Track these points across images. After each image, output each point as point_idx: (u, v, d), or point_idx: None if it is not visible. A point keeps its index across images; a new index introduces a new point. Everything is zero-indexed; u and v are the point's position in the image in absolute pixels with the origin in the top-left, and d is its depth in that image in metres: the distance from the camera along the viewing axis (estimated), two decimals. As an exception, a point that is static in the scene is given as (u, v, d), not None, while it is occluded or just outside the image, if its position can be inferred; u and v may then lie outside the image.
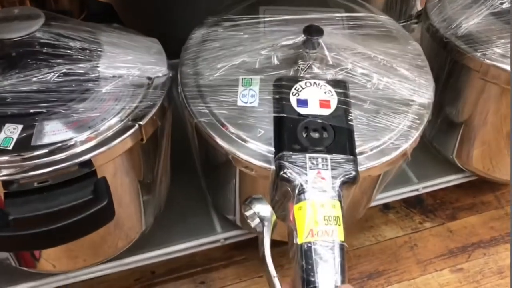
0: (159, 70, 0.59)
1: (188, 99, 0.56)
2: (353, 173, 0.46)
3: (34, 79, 0.53)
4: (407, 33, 0.66)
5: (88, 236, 0.54)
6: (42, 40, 0.54)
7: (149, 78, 0.58)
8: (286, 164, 0.47)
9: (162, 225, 0.69)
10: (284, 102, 0.52)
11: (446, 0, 0.71)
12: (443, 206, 0.85)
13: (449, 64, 0.68)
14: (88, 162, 0.51)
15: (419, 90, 0.57)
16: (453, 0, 0.70)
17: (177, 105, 0.60)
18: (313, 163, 0.46)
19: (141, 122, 0.53)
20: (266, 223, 0.42)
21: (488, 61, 0.62)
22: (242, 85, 0.56)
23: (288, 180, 0.46)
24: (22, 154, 0.48)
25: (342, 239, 0.41)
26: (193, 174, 0.74)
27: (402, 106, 0.55)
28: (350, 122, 0.51)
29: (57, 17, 0.59)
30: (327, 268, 0.40)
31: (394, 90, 0.56)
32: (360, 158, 0.50)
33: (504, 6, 0.66)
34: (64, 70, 0.54)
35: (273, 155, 0.49)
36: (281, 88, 0.54)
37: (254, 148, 0.51)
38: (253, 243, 0.40)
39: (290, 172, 0.46)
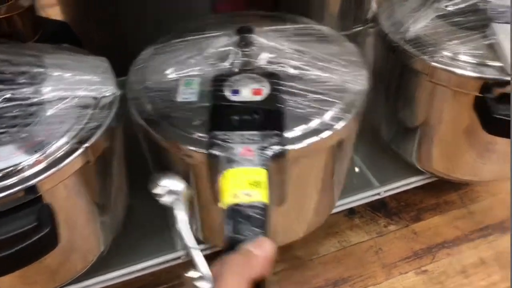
0: (105, 89, 0.58)
1: (132, 100, 0.58)
2: (279, 146, 0.49)
3: (-25, 105, 0.52)
4: (344, 37, 0.67)
5: (43, 260, 0.53)
6: (-20, 66, 0.53)
7: (95, 98, 0.57)
8: (215, 141, 0.50)
9: (122, 244, 0.68)
10: (219, 93, 0.55)
11: (396, 5, 0.72)
12: (407, 208, 0.85)
13: (399, 68, 0.69)
14: (32, 188, 0.50)
15: (351, 80, 0.58)
16: (402, 4, 0.71)
17: (132, 122, 0.60)
18: (241, 139, 0.50)
19: (87, 144, 0.53)
20: (176, 196, 0.43)
21: (435, 64, 0.63)
22: (184, 85, 0.58)
23: (216, 156, 0.48)
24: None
25: (266, 200, 0.43)
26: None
27: (334, 93, 0.56)
28: (279, 105, 0.53)
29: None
30: (248, 226, 0.41)
31: (326, 80, 0.57)
32: (290, 137, 0.51)
33: (449, 8, 0.67)
34: (7, 96, 0.53)
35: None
36: (217, 83, 0.57)
37: (191, 136, 0.52)
38: (217, 257, 0.40)
39: (218, 148, 0.49)
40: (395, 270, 0.76)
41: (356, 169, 0.81)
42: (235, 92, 0.55)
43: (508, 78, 0.60)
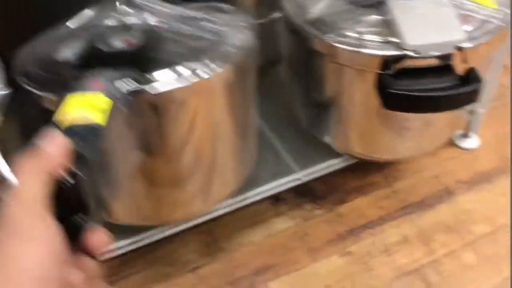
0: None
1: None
2: (135, 84, 0.48)
3: None
4: (238, 10, 0.66)
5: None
6: None
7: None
8: (70, 78, 0.48)
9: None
10: (90, 46, 0.53)
11: (299, -12, 0.71)
12: (332, 192, 0.85)
13: (304, 51, 0.68)
14: None
15: (231, 38, 0.58)
16: (304, -14, 0.71)
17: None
18: (94, 74, 0.47)
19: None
20: None
21: (335, 44, 0.63)
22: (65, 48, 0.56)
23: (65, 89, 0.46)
24: None
25: (103, 123, 0.41)
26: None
27: (210, 45, 0.56)
28: (148, 52, 0.53)
29: None
30: (83, 144, 0.38)
31: (204, 36, 0.57)
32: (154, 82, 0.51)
33: (348, -12, 0.67)
34: None
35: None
36: (94, 39, 0.55)
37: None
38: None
39: (69, 82, 0.47)
40: (319, 254, 0.76)
41: (273, 155, 0.81)
42: (107, 44, 0.53)
43: (404, 53, 0.60)
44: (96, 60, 0.51)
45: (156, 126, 0.55)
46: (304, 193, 0.85)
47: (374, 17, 0.63)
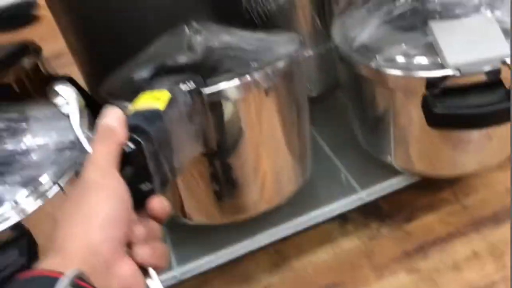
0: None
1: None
2: (193, 84, 0.56)
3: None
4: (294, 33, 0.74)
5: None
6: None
7: (73, 142, 0.65)
8: (140, 86, 0.57)
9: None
10: (160, 65, 0.65)
11: (346, 17, 0.76)
12: (400, 210, 0.86)
13: (353, 77, 0.72)
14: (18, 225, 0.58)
15: (279, 49, 0.67)
16: (351, 16, 0.75)
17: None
18: (162, 81, 0.56)
19: (59, 182, 0.61)
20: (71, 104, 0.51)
21: (380, 69, 0.66)
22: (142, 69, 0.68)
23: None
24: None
25: (162, 108, 0.48)
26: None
27: (260, 56, 0.64)
28: (207, 61, 0.63)
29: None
30: (143, 122, 0.46)
31: (256, 50, 0.66)
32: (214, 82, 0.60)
33: (391, 14, 0.69)
34: (-7, 148, 0.63)
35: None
36: (164, 60, 0.66)
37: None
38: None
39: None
40: (386, 272, 0.78)
41: (337, 176, 0.84)
42: (175, 61, 0.64)
43: (447, 73, 0.62)
44: (165, 73, 0.62)
45: (212, 122, 0.63)
46: (371, 212, 0.87)
47: (418, 40, 0.66)
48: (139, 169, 0.43)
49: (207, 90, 0.60)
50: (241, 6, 0.91)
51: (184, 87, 0.56)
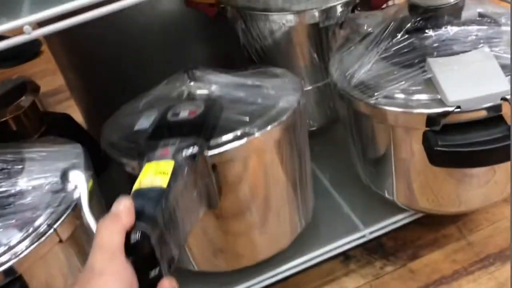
0: (76, 173, 0.66)
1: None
2: (196, 149, 0.57)
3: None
4: (294, 75, 0.75)
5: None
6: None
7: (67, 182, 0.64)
8: (143, 148, 0.59)
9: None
10: (162, 118, 0.65)
11: (344, 53, 0.75)
12: (404, 247, 0.84)
13: (352, 113, 0.71)
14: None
15: (280, 101, 0.66)
16: (349, 52, 0.75)
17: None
18: (165, 143, 0.57)
19: (55, 226, 0.59)
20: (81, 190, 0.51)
21: (380, 106, 0.65)
22: (143, 119, 0.68)
23: (142, 158, 0.57)
24: None
25: (164, 185, 0.50)
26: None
27: (261, 110, 0.64)
28: (208, 120, 0.62)
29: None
30: (148, 204, 0.47)
31: (257, 102, 0.66)
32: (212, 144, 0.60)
33: (389, 50, 0.69)
34: (-13, 191, 0.62)
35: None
36: (165, 111, 0.65)
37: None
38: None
39: (144, 154, 0.57)
40: (391, 312, 0.76)
41: (339, 213, 0.83)
42: (175, 115, 0.64)
43: (447, 109, 0.61)
44: (166, 130, 0.62)
45: (215, 182, 0.62)
46: (374, 250, 0.85)
47: (416, 76, 0.65)
48: (146, 259, 0.43)
49: (210, 152, 0.60)
50: (239, 43, 0.92)
51: (187, 152, 0.56)
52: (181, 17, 0.97)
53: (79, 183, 0.61)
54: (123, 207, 0.44)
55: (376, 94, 0.66)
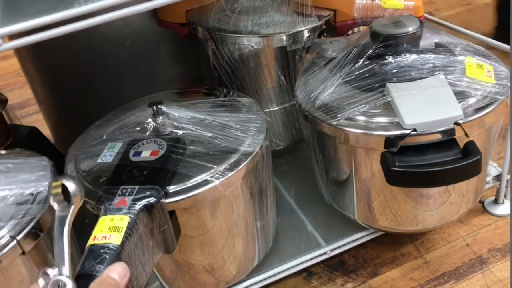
0: (40, 185, 0.66)
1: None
2: (153, 199, 0.58)
3: None
4: (260, 109, 0.76)
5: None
6: None
7: (32, 194, 0.64)
8: (102, 195, 0.59)
9: None
10: (125, 155, 0.66)
11: (310, 77, 0.78)
12: (364, 265, 0.87)
13: (315, 134, 0.74)
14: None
15: (243, 144, 0.67)
16: (314, 75, 0.78)
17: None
18: (122, 192, 0.59)
19: (18, 238, 0.59)
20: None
21: (342, 128, 0.68)
22: (107, 149, 0.70)
23: (99, 208, 0.58)
24: None
25: (118, 243, 0.51)
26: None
27: (222, 155, 0.65)
28: (168, 165, 0.63)
29: None
30: (94, 263, 0.48)
31: (219, 144, 0.67)
32: (170, 192, 0.61)
33: (351, 75, 0.72)
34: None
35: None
36: (128, 146, 0.67)
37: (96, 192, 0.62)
38: None
39: (104, 200, 0.58)
40: (350, 328, 0.77)
41: (301, 230, 0.85)
42: (137, 154, 0.65)
43: (404, 132, 0.64)
44: (126, 174, 0.62)
45: (173, 228, 0.63)
46: (336, 267, 0.87)
47: (376, 100, 0.68)
48: None
49: (167, 200, 0.60)
50: (209, 63, 0.94)
51: (144, 202, 0.57)
52: (153, 34, 0.99)
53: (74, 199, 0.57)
54: (120, 276, 0.44)
55: (338, 116, 0.69)
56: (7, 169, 0.67)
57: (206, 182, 0.62)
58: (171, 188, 0.61)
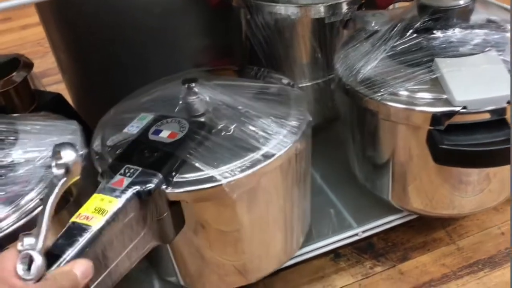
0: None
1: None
2: (151, 186, 0.54)
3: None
4: (304, 103, 0.68)
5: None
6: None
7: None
8: (106, 170, 0.58)
9: None
10: (145, 131, 0.63)
11: (350, 49, 0.75)
12: (394, 248, 0.84)
13: (356, 109, 0.71)
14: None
15: (267, 142, 0.60)
16: (355, 48, 0.74)
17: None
18: (124, 171, 0.56)
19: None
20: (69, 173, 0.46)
21: (384, 102, 0.65)
22: (136, 120, 0.65)
23: (103, 178, 0.56)
24: None
25: (97, 227, 0.48)
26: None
27: (243, 152, 0.59)
28: (180, 151, 0.58)
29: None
30: (66, 244, 0.46)
31: (243, 138, 0.60)
32: (174, 181, 0.56)
33: (396, 48, 0.69)
34: (-22, 161, 0.59)
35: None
36: (153, 122, 0.64)
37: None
38: None
39: (104, 176, 0.57)
40: (379, 312, 0.75)
41: (331, 211, 0.82)
42: (157, 132, 0.62)
43: (453, 109, 0.61)
44: (136, 152, 0.59)
45: (172, 219, 0.58)
46: (365, 250, 0.85)
47: (422, 75, 0.65)
48: None
49: (168, 189, 0.56)
50: (241, 35, 0.91)
51: (140, 188, 0.54)
52: (182, 4, 0.96)
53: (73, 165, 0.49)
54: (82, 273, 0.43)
55: (382, 90, 0.66)
56: (37, 131, 0.65)
57: (212, 179, 0.56)
58: (176, 178, 0.57)
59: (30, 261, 0.41)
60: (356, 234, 0.79)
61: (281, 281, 0.81)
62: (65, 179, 0.46)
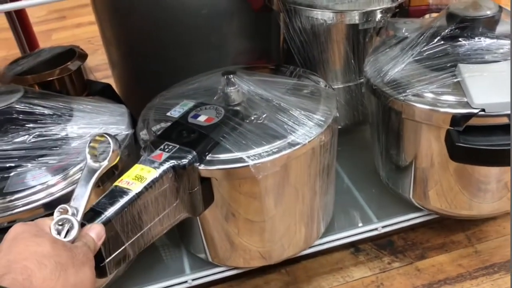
0: (119, 128, 0.71)
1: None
2: (185, 161, 0.61)
3: (13, 140, 0.66)
4: (334, 100, 0.73)
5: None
6: (19, 109, 0.67)
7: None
8: (148, 145, 0.65)
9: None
10: (186, 114, 0.70)
11: (380, 54, 0.80)
12: (413, 247, 0.88)
13: (381, 108, 0.75)
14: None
15: (294, 132, 0.66)
16: (385, 53, 0.79)
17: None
18: (164, 147, 0.63)
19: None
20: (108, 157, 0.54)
21: (408, 102, 0.69)
22: (179, 106, 0.73)
23: (145, 152, 0.64)
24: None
25: (136, 191, 0.56)
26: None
27: (271, 138, 0.65)
28: (214, 134, 0.65)
29: (36, 91, 0.73)
30: (107, 203, 0.54)
31: (273, 127, 0.66)
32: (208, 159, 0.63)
33: (423, 53, 0.73)
34: (38, 133, 0.67)
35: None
36: (193, 108, 0.71)
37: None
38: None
39: (145, 150, 0.64)
40: (393, 304, 0.79)
41: (354, 207, 0.87)
42: (196, 116, 0.69)
43: (471, 111, 0.65)
44: (176, 132, 0.67)
45: (202, 194, 0.65)
46: (384, 246, 0.89)
47: (445, 79, 0.69)
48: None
49: (201, 166, 0.63)
50: (279, 37, 0.97)
51: (176, 163, 0.60)
52: (227, 6, 1.03)
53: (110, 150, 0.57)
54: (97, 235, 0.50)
55: (406, 91, 0.70)
56: (89, 110, 0.73)
57: (241, 160, 0.63)
58: (209, 157, 0.63)
59: (69, 227, 0.48)
60: (376, 229, 0.83)
61: (302, 270, 0.86)
62: (106, 162, 0.54)
